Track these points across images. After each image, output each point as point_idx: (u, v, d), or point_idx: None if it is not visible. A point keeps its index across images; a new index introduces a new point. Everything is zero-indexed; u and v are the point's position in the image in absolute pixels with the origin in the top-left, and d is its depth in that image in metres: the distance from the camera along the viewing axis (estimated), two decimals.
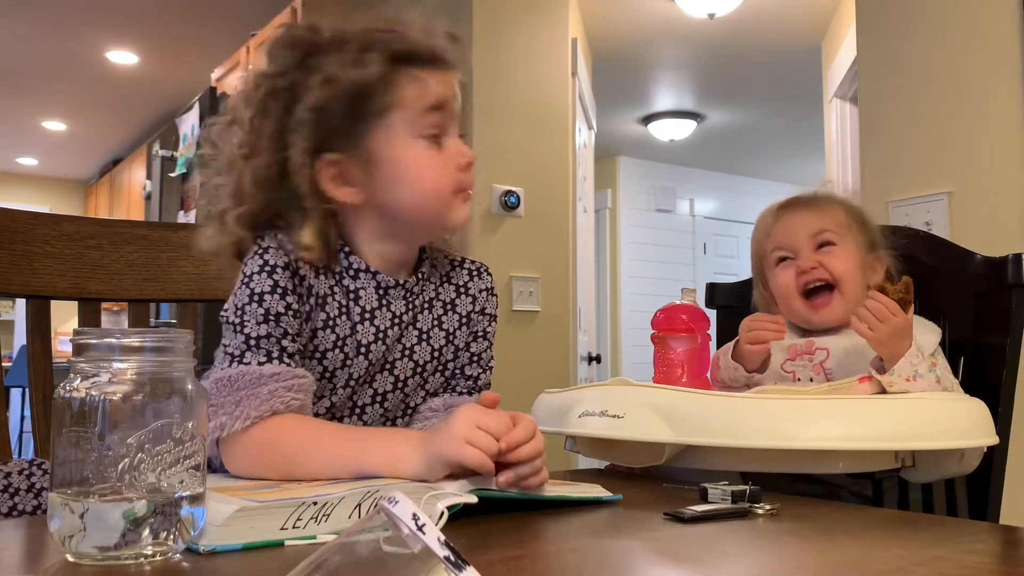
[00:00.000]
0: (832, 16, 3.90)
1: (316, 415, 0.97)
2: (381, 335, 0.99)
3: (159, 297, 1.23)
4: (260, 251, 0.95)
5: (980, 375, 1.17)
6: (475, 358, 1.07)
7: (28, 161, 7.06)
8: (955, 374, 1.16)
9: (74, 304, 1.17)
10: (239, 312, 0.92)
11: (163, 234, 1.24)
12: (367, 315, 0.99)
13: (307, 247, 0.95)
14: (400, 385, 1.02)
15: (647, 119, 5.67)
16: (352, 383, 0.99)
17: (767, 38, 4.27)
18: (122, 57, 4.77)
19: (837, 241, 1.21)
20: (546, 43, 3.32)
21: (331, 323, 0.97)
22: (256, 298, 0.92)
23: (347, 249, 0.99)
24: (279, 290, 0.93)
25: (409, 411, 1.05)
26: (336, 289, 0.98)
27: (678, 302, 1.15)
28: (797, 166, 6.49)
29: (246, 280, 0.93)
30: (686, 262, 6.81)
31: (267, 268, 0.93)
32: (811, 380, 1.18)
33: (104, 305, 1.21)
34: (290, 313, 0.93)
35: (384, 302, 1.00)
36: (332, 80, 0.92)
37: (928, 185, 1.97)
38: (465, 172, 0.98)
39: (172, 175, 3.63)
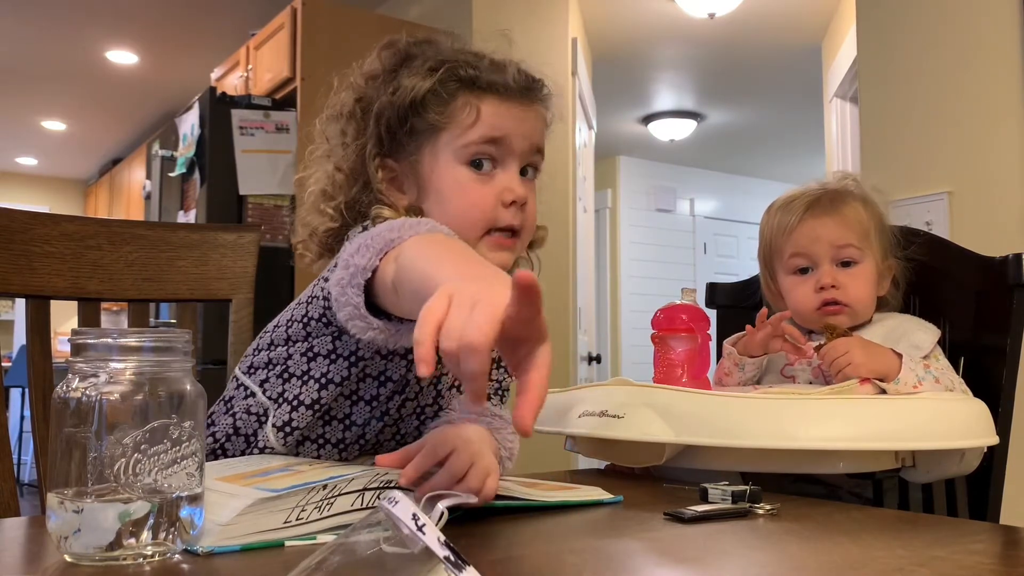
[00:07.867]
0: (832, 16, 3.90)
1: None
2: None
3: (158, 297, 1.23)
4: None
5: (980, 375, 1.17)
6: (498, 363, 1.07)
7: (28, 161, 7.05)
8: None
9: (73, 304, 1.17)
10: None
11: (162, 234, 1.24)
12: None
13: None
14: (434, 382, 1.01)
15: (647, 119, 5.66)
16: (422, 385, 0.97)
17: (767, 38, 4.27)
18: (122, 57, 4.76)
19: (859, 258, 1.19)
20: (546, 43, 3.32)
21: None
22: None
23: None
24: None
25: (440, 412, 1.04)
26: None
27: (678, 302, 1.15)
28: (797, 166, 6.49)
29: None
30: (686, 262, 6.81)
31: None
32: (810, 383, 1.18)
33: (104, 305, 1.21)
34: None
35: None
36: (396, 90, 0.97)
37: (928, 185, 1.97)
38: (507, 209, 0.95)
39: (172, 175, 3.62)
